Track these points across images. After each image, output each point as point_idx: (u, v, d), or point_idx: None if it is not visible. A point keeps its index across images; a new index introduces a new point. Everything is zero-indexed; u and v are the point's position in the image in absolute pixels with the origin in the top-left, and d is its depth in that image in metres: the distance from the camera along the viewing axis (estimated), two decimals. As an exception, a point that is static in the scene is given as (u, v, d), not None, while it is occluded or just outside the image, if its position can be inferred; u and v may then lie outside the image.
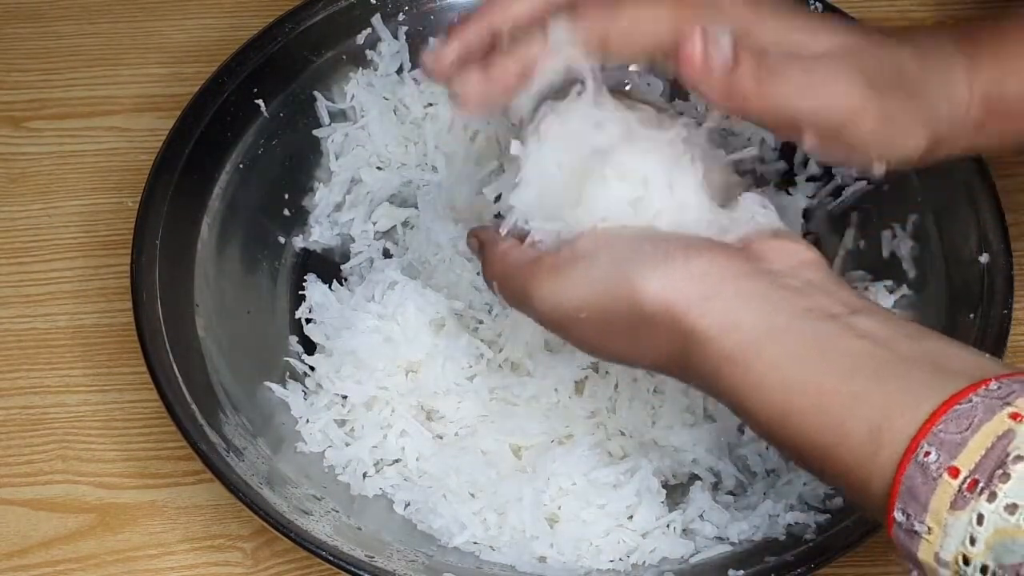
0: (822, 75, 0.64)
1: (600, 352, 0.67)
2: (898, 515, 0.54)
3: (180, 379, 0.75)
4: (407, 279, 0.80)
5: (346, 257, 0.87)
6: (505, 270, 0.68)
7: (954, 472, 0.53)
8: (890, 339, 0.58)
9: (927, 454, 0.54)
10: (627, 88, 0.74)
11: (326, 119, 0.89)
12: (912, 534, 0.54)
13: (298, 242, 0.87)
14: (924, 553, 0.54)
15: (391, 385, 0.78)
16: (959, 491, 0.52)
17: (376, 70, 0.90)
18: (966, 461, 0.53)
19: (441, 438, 0.78)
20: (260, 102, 0.87)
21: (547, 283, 0.65)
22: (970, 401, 0.54)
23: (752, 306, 0.61)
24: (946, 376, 0.56)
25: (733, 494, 0.77)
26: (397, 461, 0.78)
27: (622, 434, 0.77)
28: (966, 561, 0.52)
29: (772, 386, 0.59)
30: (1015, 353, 0.83)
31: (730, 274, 0.62)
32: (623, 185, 0.65)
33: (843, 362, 0.58)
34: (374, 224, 0.88)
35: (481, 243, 0.70)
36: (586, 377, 0.78)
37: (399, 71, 0.91)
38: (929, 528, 0.53)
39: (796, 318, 0.60)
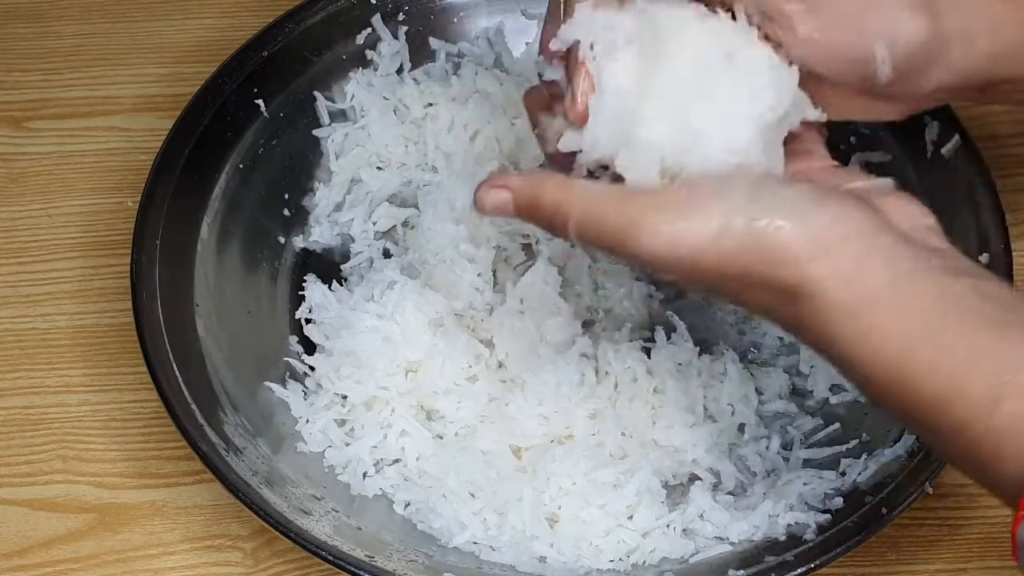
0: None
1: (712, 293, 0.64)
2: None
3: (180, 379, 0.76)
4: (407, 279, 0.81)
5: (346, 257, 0.87)
6: (593, 208, 0.62)
7: None
8: (1016, 305, 0.57)
9: None
10: None
11: (326, 119, 0.89)
12: None
13: (298, 242, 0.87)
14: None
15: (391, 385, 0.78)
16: None
17: (376, 70, 0.90)
18: None
19: (441, 438, 0.78)
20: (260, 102, 0.87)
21: (662, 224, 0.60)
22: None
23: (877, 259, 0.59)
24: None
25: (733, 494, 0.76)
26: (397, 461, 0.78)
27: (622, 434, 0.77)
28: None
29: (889, 337, 0.57)
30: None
31: (859, 226, 0.59)
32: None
33: (967, 319, 0.57)
34: (374, 224, 0.88)
35: (524, 185, 0.63)
36: (585, 375, 0.78)
37: (399, 71, 0.91)
38: None
39: (921, 272, 0.58)
